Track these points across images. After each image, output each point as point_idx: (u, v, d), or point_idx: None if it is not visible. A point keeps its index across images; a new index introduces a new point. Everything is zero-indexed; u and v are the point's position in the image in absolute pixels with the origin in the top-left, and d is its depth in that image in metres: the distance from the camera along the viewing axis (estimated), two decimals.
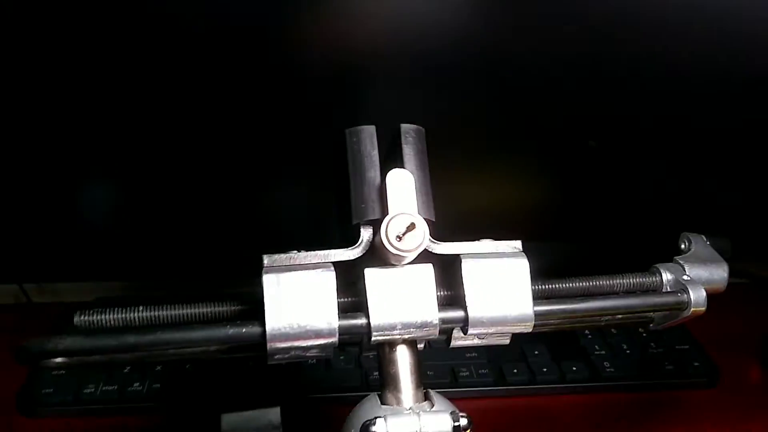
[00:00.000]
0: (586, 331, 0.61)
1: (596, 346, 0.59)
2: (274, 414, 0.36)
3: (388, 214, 0.32)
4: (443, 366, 0.57)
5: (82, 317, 0.33)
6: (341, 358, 0.58)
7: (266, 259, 0.33)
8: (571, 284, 0.36)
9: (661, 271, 0.37)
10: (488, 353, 0.58)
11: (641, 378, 0.56)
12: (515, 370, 0.56)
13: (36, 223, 0.61)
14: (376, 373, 0.55)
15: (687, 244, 0.39)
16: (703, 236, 0.40)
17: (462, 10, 0.51)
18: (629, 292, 0.36)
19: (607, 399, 0.55)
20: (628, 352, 0.59)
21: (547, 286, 0.35)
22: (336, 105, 0.54)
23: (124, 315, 0.33)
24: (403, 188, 0.33)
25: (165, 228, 0.61)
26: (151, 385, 0.54)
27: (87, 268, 0.64)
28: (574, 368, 0.56)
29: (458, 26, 0.52)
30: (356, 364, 0.57)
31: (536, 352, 0.58)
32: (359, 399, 0.51)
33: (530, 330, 0.34)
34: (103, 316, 0.33)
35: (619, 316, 0.36)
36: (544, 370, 0.56)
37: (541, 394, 0.56)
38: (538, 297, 0.34)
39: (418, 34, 0.52)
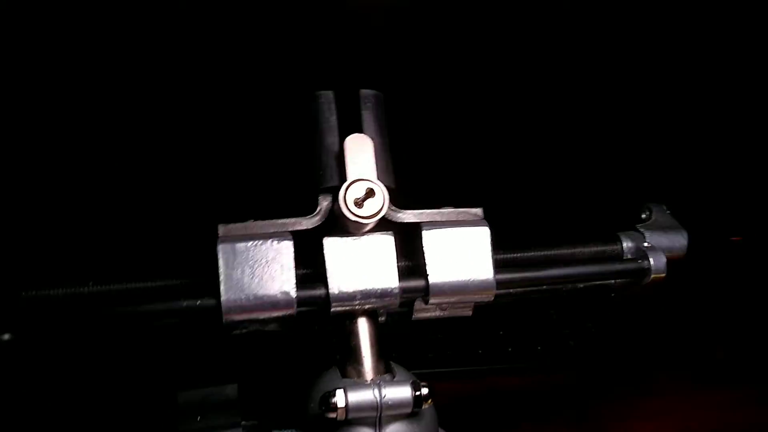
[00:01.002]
0: (552, 312, 0.61)
1: (563, 326, 0.59)
2: (231, 390, 0.35)
3: (346, 180, 0.31)
4: (410, 346, 0.56)
5: (30, 292, 0.31)
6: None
7: (221, 229, 0.32)
8: (532, 253, 0.35)
9: (622, 239, 0.37)
10: (454, 334, 0.57)
11: (610, 357, 0.56)
12: (481, 351, 0.56)
13: None
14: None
15: (648, 213, 0.39)
16: (664, 205, 0.40)
17: None
18: (590, 260, 0.36)
19: (572, 378, 0.55)
20: (594, 331, 0.59)
21: (508, 255, 0.35)
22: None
23: (74, 290, 0.32)
24: (361, 154, 0.32)
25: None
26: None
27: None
28: (540, 347, 0.56)
29: None
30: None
31: (502, 333, 0.58)
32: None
33: (491, 299, 0.33)
34: (51, 291, 0.31)
35: (581, 284, 0.36)
36: (510, 349, 0.56)
37: (510, 374, 0.55)
38: (500, 265, 0.34)
39: None
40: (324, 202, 0.33)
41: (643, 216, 0.39)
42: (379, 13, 0.51)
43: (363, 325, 0.33)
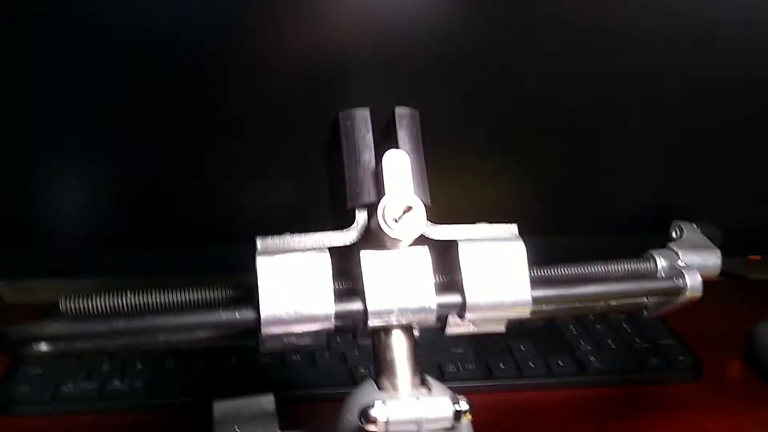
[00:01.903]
0: (571, 327, 0.61)
1: (581, 341, 0.59)
2: (267, 402, 0.35)
3: (384, 196, 0.32)
4: (429, 362, 0.56)
5: (68, 302, 0.32)
6: (326, 355, 0.57)
7: (259, 242, 0.32)
8: (567, 270, 0.36)
9: (656, 256, 0.37)
10: (474, 349, 0.58)
11: (627, 372, 0.56)
12: (502, 366, 0.56)
13: (6, 216, 0.59)
14: (362, 369, 0.55)
15: (678, 231, 0.39)
16: (694, 224, 0.40)
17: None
18: (624, 278, 0.36)
19: (593, 393, 0.55)
20: (612, 347, 0.59)
21: (543, 272, 0.35)
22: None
23: (112, 300, 0.32)
24: (399, 170, 0.32)
25: (147, 218, 0.60)
26: (132, 383, 0.53)
27: (62, 264, 0.62)
28: (561, 363, 0.56)
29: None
30: (341, 359, 0.56)
31: (522, 348, 0.58)
32: (345, 395, 0.50)
33: (528, 315, 0.33)
34: (90, 302, 0.32)
35: (614, 302, 0.36)
36: (531, 365, 0.56)
37: (527, 388, 0.55)
38: (535, 282, 0.34)
39: (409, 27, 0.52)
40: (361, 218, 0.34)
41: (674, 234, 0.39)
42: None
43: (399, 339, 0.33)
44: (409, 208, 0.31)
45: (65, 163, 0.57)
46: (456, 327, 0.36)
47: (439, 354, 0.57)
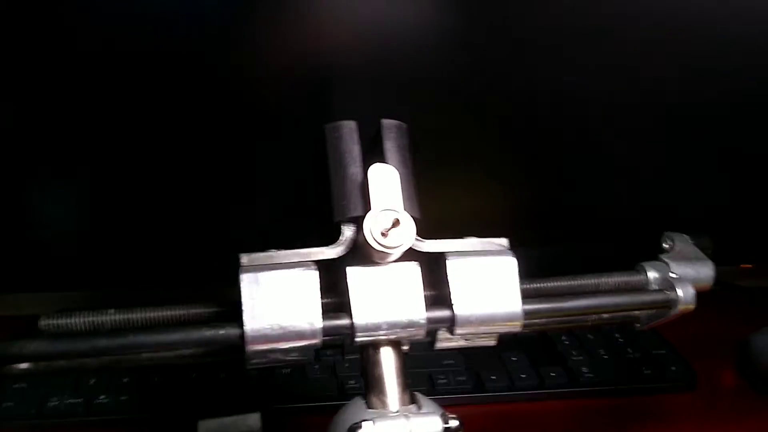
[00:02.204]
0: (563, 337, 0.61)
1: (573, 352, 0.58)
2: (253, 420, 0.34)
3: (370, 210, 0.31)
4: (420, 373, 0.55)
5: (48, 321, 0.31)
6: (316, 367, 0.56)
7: (244, 258, 0.32)
8: (557, 283, 0.35)
9: (647, 269, 0.37)
10: (466, 360, 0.57)
11: (620, 383, 0.56)
12: (493, 377, 0.55)
13: None
14: (352, 381, 0.54)
15: (670, 243, 0.39)
16: (686, 235, 0.39)
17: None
18: (616, 291, 0.36)
19: (586, 404, 0.55)
20: (605, 357, 0.58)
21: (534, 285, 0.35)
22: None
23: (93, 318, 0.31)
24: (386, 184, 0.32)
25: (132, 233, 0.59)
26: (118, 397, 0.52)
27: (49, 277, 0.62)
28: (553, 374, 0.56)
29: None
30: (332, 373, 0.56)
31: (514, 359, 0.57)
32: (336, 409, 0.50)
33: (519, 329, 0.33)
34: (71, 320, 0.31)
35: (606, 315, 0.36)
36: (523, 376, 0.55)
37: (519, 400, 0.55)
38: (526, 296, 0.33)
39: (397, 37, 0.51)
40: (348, 232, 0.33)
41: (665, 246, 0.39)
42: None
43: (388, 355, 0.33)
44: (397, 222, 0.31)
45: (51, 177, 0.57)
46: (446, 342, 0.35)
47: (429, 365, 0.56)
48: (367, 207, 0.32)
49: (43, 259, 0.61)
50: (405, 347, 0.34)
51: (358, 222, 0.32)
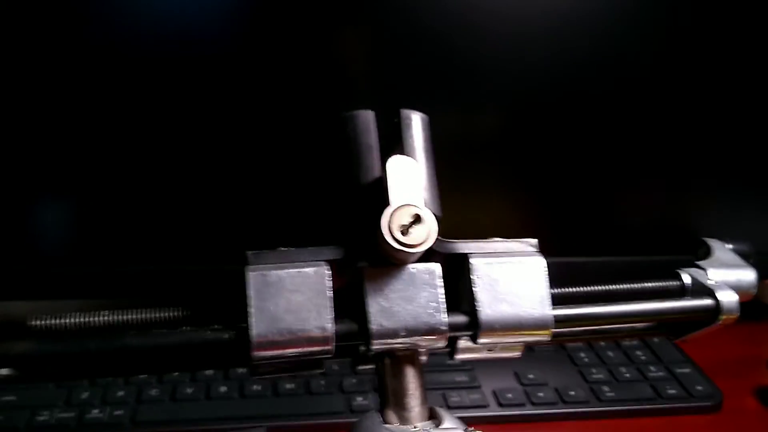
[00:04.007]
0: (582, 354, 0.58)
1: (593, 369, 0.56)
2: None
3: (389, 205, 0.28)
4: (429, 390, 0.52)
5: (37, 321, 0.28)
6: (322, 382, 0.53)
7: (250, 256, 0.29)
8: (590, 289, 0.32)
9: (683, 275, 0.34)
10: (479, 375, 0.54)
11: (643, 402, 0.53)
12: (509, 394, 0.52)
13: None
14: (360, 398, 0.52)
15: (706, 249, 0.36)
16: (724, 241, 0.37)
17: None
18: (651, 298, 0.33)
19: (606, 425, 0.52)
20: (627, 375, 0.55)
21: (564, 290, 0.32)
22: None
23: (86, 319, 0.29)
24: (406, 177, 0.29)
25: (131, 236, 0.57)
26: (112, 411, 0.49)
27: (44, 285, 0.59)
28: (572, 392, 0.53)
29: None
30: (338, 388, 0.53)
31: (530, 375, 0.55)
32: (343, 425, 0.47)
33: (548, 339, 0.30)
34: (61, 321, 0.28)
35: (640, 325, 0.33)
36: (540, 394, 0.53)
37: (536, 419, 0.52)
38: (556, 302, 0.30)
39: None
40: (363, 229, 0.30)
41: (702, 252, 0.36)
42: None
43: (406, 366, 0.30)
44: (418, 218, 0.28)
45: (46, 182, 0.55)
46: (467, 352, 0.32)
47: (441, 382, 0.53)
48: (384, 202, 0.29)
49: (36, 265, 0.58)
50: (423, 357, 0.32)
51: (374, 218, 0.29)
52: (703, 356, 0.59)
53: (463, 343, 0.32)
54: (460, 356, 0.33)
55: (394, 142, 0.32)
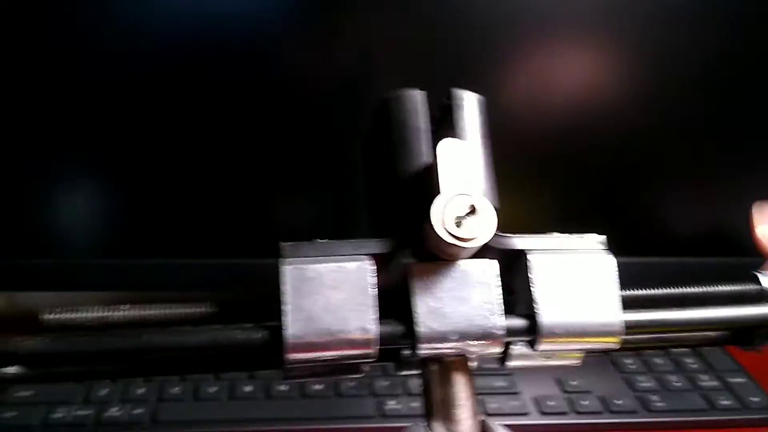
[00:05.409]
0: (628, 361, 0.54)
1: (640, 378, 0.52)
2: None
3: (440, 194, 0.25)
4: None
5: (51, 315, 0.26)
6: (351, 384, 0.50)
7: (286, 248, 0.26)
8: (662, 292, 0.29)
9: (761, 277, 0.31)
10: (519, 382, 0.51)
11: (695, 413, 0.49)
12: (551, 402, 0.49)
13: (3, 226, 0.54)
14: (392, 402, 0.49)
15: None
16: None
17: None
18: (726, 303, 0.30)
19: None
20: (677, 384, 0.52)
21: (633, 293, 0.29)
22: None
23: (104, 314, 0.26)
24: (460, 163, 0.26)
25: (155, 228, 0.54)
26: (132, 410, 0.47)
27: (66, 276, 0.57)
28: (618, 401, 0.49)
29: None
30: (369, 391, 0.50)
31: (573, 383, 0.51)
32: (375, 431, 0.44)
33: (617, 346, 0.27)
34: (78, 315, 0.26)
35: (713, 333, 0.30)
36: (584, 402, 0.49)
37: (581, 429, 0.48)
38: (625, 305, 0.27)
39: None
40: (410, 221, 0.27)
41: None
42: None
43: (455, 373, 0.27)
44: (474, 209, 0.25)
45: (68, 171, 0.52)
46: (521, 359, 0.29)
47: (478, 386, 0.50)
48: (436, 190, 0.26)
49: (58, 255, 0.56)
50: (473, 364, 0.28)
51: (423, 209, 0.26)
52: (754, 364, 0.55)
53: (517, 349, 0.28)
54: (512, 363, 0.29)
55: (444, 126, 0.29)
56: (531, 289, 0.27)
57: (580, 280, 0.27)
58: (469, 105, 0.29)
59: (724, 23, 0.50)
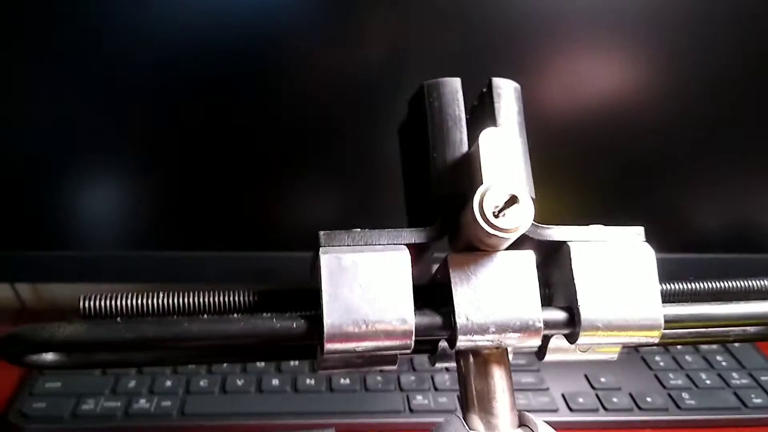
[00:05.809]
0: (657, 357, 0.54)
1: (671, 375, 0.52)
2: None
3: (482, 183, 0.25)
4: None
5: (89, 302, 0.26)
6: (379, 378, 0.50)
7: (323, 236, 0.26)
8: (701, 285, 0.29)
9: None
10: (548, 378, 0.51)
11: (727, 411, 0.48)
12: (580, 399, 0.49)
13: (30, 217, 0.54)
14: (419, 396, 0.48)
15: None
16: None
17: None
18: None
19: None
20: (708, 382, 0.51)
21: (673, 286, 0.28)
22: None
23: (141, 301, 0.26)
24: (500, 153, 0.26)
25: (184, 219, 0.54)
26: (161, 402, 0.47)
27: (92, 267, 0.57)
28: (648, 398, 0.49)
29: None
30: (396, 385, 0.50)
31: (602, 379, 0.51)
32: (402, 426, 0.44)
33: (657, 341, 0.26)
34: (115, 302, 0.26)
35: (753, 328, 0.29)
36: (614, 399, 0.49)
37: (610, 427, 0.48)
38: (665, 299, 0.27)
39: None
40: (448, 211, 0.27)
41: None
42: None
43: (493, 365, 0.27)
44: (514, 200, 0.25)
45: (96, 162, 0.53)
46: (558, 353, 0.29)
47: None
48: (476, 180, 0.26)
49: (83, 246, 0.56)
50: (511, 356, 0.28)
51: (461, 199, 0.26)
52: None
53: (555, 341, 0.28)
54: (550, 357, 0.29)
55: (479, 114, 0.29)
56: (572, 280, 0.26)
57: (620, 272, 0.26)
58: (507, 93, 0.28)
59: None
